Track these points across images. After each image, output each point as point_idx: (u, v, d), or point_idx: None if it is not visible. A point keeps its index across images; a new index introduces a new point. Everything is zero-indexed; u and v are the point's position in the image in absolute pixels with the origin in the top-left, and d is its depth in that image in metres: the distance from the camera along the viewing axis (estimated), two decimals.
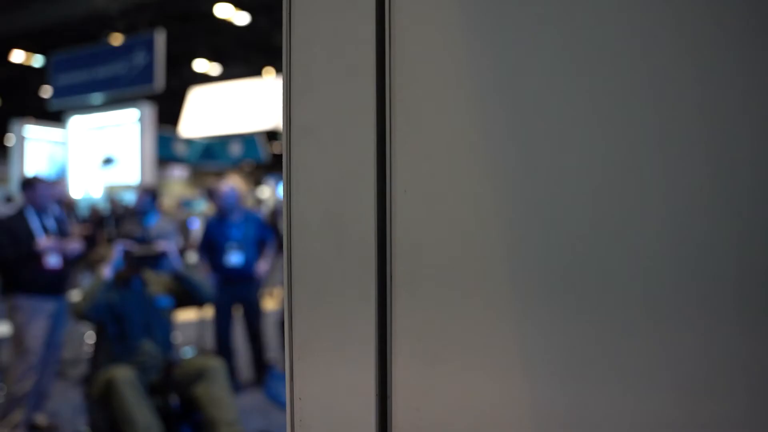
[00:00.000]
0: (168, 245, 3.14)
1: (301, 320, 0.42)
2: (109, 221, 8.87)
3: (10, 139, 15.72)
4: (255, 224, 4.70)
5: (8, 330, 3.74)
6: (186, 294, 3.16)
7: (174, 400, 2.89)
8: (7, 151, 16.56)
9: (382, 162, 0.40)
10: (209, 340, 5.22)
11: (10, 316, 3.68)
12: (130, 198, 11.79)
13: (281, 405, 4.21)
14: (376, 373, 0.40)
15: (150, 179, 13.05)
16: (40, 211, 3.80)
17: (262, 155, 17.41)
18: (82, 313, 2.86)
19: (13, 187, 14.18)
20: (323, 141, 0.42)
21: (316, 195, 0.42)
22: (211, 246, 4.52)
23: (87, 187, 13.09)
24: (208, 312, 5.38)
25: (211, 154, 19.16)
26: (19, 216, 3.73)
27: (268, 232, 4.82)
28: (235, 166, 18.57)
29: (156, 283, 3.16)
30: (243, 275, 4.54)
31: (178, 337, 3.72)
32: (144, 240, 3.11)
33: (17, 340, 3.65)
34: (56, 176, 11.79)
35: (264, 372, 4.54)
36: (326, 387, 0.42)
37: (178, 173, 22.00)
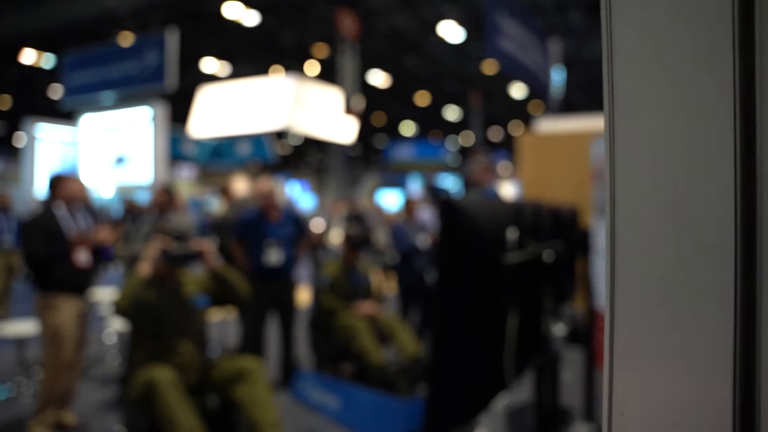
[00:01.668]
0: (205, 243, 3.08)
1: (628, 323, 0.36)
2: (126, 220, 8.83)
3: (22, 139, 15.71)
4: (293, 223, 4.64)
5: (39, 328, 3.68)
6: (223, 293, 3.10)
7: (213, 401, 2.84)
8: (18, 151, 16.57)
9: (747, 129, 0.33)
10: (231, 340, 5.16)
11: (42, 314, 3.63)
12: (143, 198, 11.76)
13: (310, 407, 4.14)
14: (734, 386, 0.33)
15: (162, 178, 13.01)
16: (70, 208, 3.74)
17: (269, 155, 17.41)
18: (123, 311, 2.80)
19: (26, 185, 14.19)
20: (662, 108, 0.35)
21: (651, 174, 0.36)
22: (247, 242, 4.46)
23: (99, 186, 13.07)
24: (231, 312, 5.31)
25: (219, 154, 19.15)
26: (49, 213, 3.67)
27: (302, 228, 4.78)
28: (243, 165, 18.58)
29: (192, 282, 3.10)
30: (281, 274, 4.48)
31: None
32: (180, 238, 3.03)
33: (49, 338, 3.60)
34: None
35: (292, 373, 4.47)
36: (659, 401, 0.35)
37: (186, 173, 22.00)
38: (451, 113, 25.43)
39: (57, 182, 3.78)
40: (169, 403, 2.54)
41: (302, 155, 32.77)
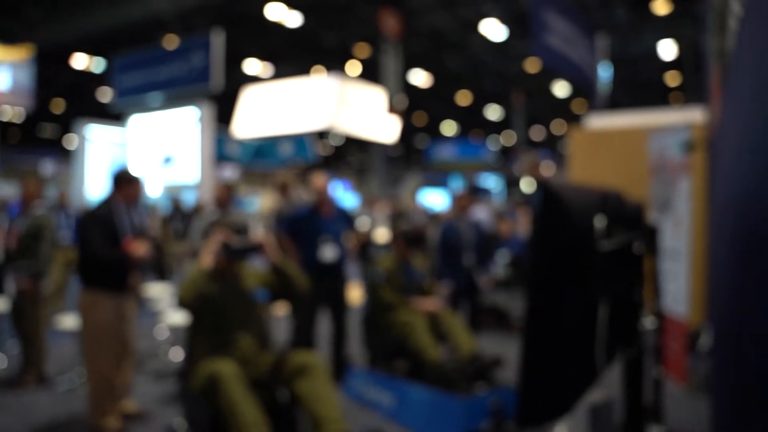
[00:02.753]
0: (265, 236, 3.07)
1: None
2: (175, 219, 9.01)
3: (73, 141, 16.19)
4: (345, 219, 4.62)
5: (80, 323, 3.73)
6: (282, 287, 3.08)
7: (281, 395, 2.81)
8: (69, 153, 17.12)
9: None
10: (281, 336, 5.15)
11: (82, 309, 3.68)
12: (190, 197, 11.99)
13: (363, 404, 4.10)
14: None
15: (209, 178, 13.23)
16: (131, 207, 3.79)
17: (311, 155, 17.50)
18: (186, 303, 2.80)
19: (77, 186, 14.61)
20: None
21: None
22: (300, 239, 4.45)
23: (148, 185, 13.41)
24: (281, 308, 5.29)
25: (262, 154, 19.35)
26: (108, 208, 3.72)
27: (352, 224, 4.76)
28: (284, 165, 18.74)
29: (252, 275, 3.09)
30: (335, 270, 4.46)
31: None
32: (240, 231, 3.02)
33: (88, 333, 3.66)
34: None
35: (343, 370, 4.43)
36: None
37: (228, 173, 22.36)
38: (493, 112, 25.19)
39: (120, 180, 3.81)
40: (233, 396, 2.52)
41: (343, 155, 32.96)
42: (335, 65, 15.49)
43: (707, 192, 5.15)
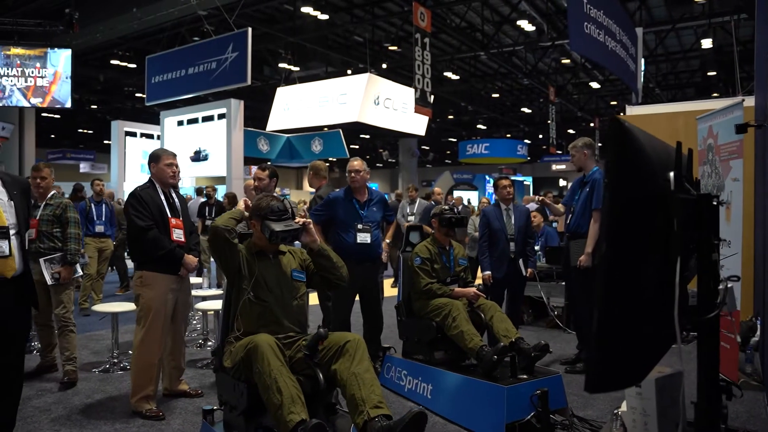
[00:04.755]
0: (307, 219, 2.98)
1: None
2: (204, 210, 9.06)
3: (110, 138, 16.47)
4: (381, 204, 4.50)
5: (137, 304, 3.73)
6: (321, 272, 2.97)
7: (315, 377, 2.69)
8: (108, 151, 17.38)
9: None
10: (312, 324, 5.06)
11: (136, 288, 3.69)
12: (221, 190, 12.12)
13: (400, 394, 3.98)
14: None
15: (238, 172, 13.36)
16: (165, 186, 3.76)
17: (346, 151, 17.36)
18: (216, 227, 2.77)
19: (114, 182, 14.86)
20: None
21: None
22: (334, 224, 4.35)
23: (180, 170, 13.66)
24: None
25: (294, 151, 19.30)
26: (149, 191, 3.71)
27: (390, 212, 4.64)
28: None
29: (293, 255, 3.00)
30: (369, 256, 4.34)
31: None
32: (280, 213, 2.92)
33: (141, 312, 3.66)
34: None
35: (379, 358, 4.31)
36: None
37: (255, 170, 22.44)
38: (526, 108, 24.84)
39: (150, 160, 3.86)
40: (271, 368, 2.40)
41: (374, 156, 32.89)
42: (366, 62, 15.37)
43: (756, 178, 4.88)
